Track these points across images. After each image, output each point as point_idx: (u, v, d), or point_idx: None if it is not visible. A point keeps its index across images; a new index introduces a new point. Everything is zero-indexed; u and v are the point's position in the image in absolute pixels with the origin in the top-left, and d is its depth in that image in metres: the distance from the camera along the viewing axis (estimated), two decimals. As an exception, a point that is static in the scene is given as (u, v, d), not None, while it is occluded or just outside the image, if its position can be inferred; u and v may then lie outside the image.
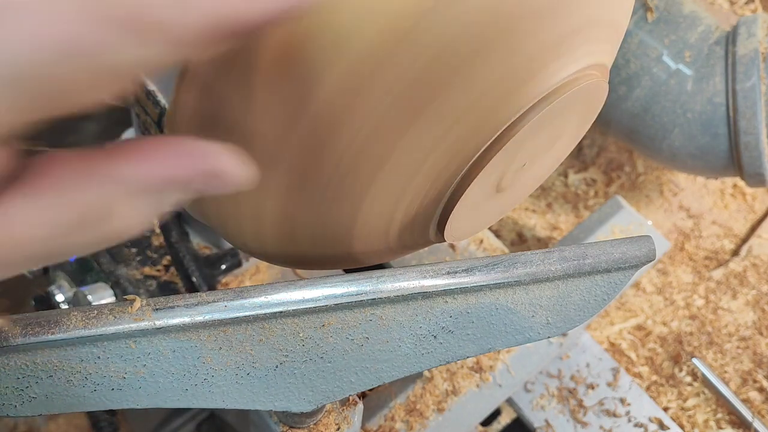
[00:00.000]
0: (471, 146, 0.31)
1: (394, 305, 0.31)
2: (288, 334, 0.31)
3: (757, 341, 0.86)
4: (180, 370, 0.30)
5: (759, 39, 0.69)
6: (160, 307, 0.28)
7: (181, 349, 0.29)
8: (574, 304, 0.34)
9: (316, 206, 0.32)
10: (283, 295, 0.30)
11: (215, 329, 0.29)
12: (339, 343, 0.31)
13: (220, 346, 0.30)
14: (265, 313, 0.29)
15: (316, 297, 0.30)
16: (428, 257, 0.71)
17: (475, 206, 0.35)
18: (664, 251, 0.72)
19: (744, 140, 0.70)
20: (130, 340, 0.28)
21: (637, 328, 0.87)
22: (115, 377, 0.29)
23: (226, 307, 0.29)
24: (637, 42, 0.74)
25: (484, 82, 0.29)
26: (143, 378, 0.29)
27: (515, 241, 0.91)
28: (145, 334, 0.28)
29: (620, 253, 0.34)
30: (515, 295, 0.33)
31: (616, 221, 0.71)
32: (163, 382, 0.30)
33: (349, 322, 0.31)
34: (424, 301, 0.32)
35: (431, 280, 0.31)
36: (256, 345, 0.30)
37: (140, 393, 0.30)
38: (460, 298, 0.32)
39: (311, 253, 0.35)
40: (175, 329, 0.29)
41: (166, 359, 0.29)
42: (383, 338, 0.32)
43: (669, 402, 0.80)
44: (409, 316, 0.32)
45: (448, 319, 0.32)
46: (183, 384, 0.30)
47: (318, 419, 0.38)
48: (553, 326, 0.34)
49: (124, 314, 0.28)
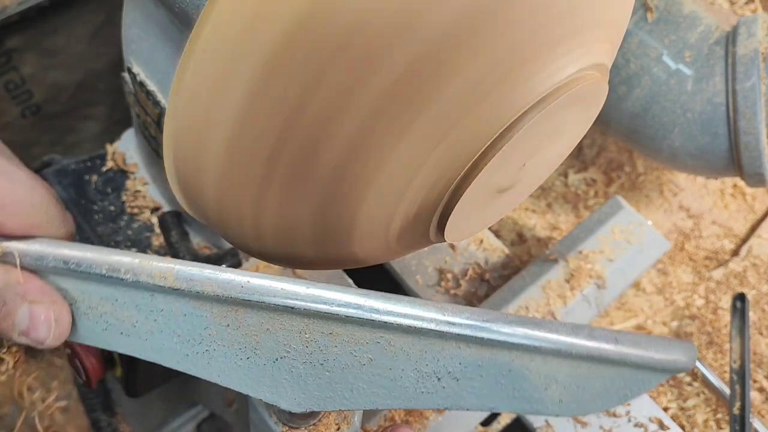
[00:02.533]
0: (471, 146, 0.31)
1: (406, 335, 0.30)
2: (294, 331, 0.30)
3: (757, 341, 0.86)
4: (186, 334, 0.30)
5: (759, 39, 0.69)
6: (183, 270, 0.29)
7: (191, 315, 0.30)
8: (592, 389, 0.31)
9: (315, 207, 0.31)
10: (297, 289, 0.29)
11: (227, 306, 0.30)
12: (342, 355, 0.31)
13: (228, 324, 0.30)
14: (276, 303, 0.29)
15: (329, 299, 0.29)
16: (428, 257, 0.71)
17: (475, 206, 0.35)
18: (664, 251, 0.72)
19: (744, 140, 0.70)
20: (148, 292, 0.30)
21: (637, 328, 0.87)
22: (127, 323, 0.30)
23: (242, 288, 0.29)
24: (637, 42, 0.74)
25: (483, 81, 0.29)
26: (151, 332, 0.30)
27: (515, 241, 0.91)
28: (163, 291, 0.29)
29: (655, 353, 0.31)
30: (532, 361, 0.31)
31: (616, 221, 0.71)
32: (168, 341, 0.31)
33: (357, 339, 0.30)
34: (436, 340, 0.30)
35: (450, 318, 0.30)
36: (263, 333, 0.30)
37: (145, 345, 0.31)
38: (474, 348, 0.31)
39: (311, 253, 0.35)
40: (190, 295, 0.29)
41: (175, 320, 0.30)
42: (387, 364, 0.31)
43: (669, 402, 0.80)
44: (418, 350, 0.31)
45: (456, 365, 0.31)
46: (185, 348, 0.31)
47: (318, 419, 0.38)
48: (565, 406, 0.31)
49: (149, 266, 0.29)
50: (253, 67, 0.27)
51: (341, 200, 0.31)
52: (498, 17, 0.27)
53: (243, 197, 0.32)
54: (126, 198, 0.64)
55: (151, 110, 0.50)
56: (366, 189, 0.31)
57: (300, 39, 0.26)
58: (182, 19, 0.37)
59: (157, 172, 0.63)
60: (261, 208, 0.32)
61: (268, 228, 0.33)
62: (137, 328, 0.31)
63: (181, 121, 0.30)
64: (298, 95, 0.27)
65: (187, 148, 0.31)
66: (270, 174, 0.30)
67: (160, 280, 0.29)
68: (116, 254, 0.29)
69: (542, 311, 0.64)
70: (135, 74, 0.49)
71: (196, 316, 0.30)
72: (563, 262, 0.67)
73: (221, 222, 0.34)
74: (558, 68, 0.31)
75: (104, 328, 0.31)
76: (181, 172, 0.33)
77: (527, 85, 0.30)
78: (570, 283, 0.66)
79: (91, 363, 0.57)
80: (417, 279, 0.70)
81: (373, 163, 0.30)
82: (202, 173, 0.32)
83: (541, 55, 0.30)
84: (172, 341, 0.31)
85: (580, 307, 0.65)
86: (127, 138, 0.67)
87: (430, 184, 0.32)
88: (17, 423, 0.92)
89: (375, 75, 0.27)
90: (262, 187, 0.31)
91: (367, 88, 0.27)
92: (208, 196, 0.33)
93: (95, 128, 0.88)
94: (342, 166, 0.30)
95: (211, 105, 0.29)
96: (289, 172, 0.30)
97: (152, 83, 0.49)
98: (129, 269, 0.29)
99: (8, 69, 0.75)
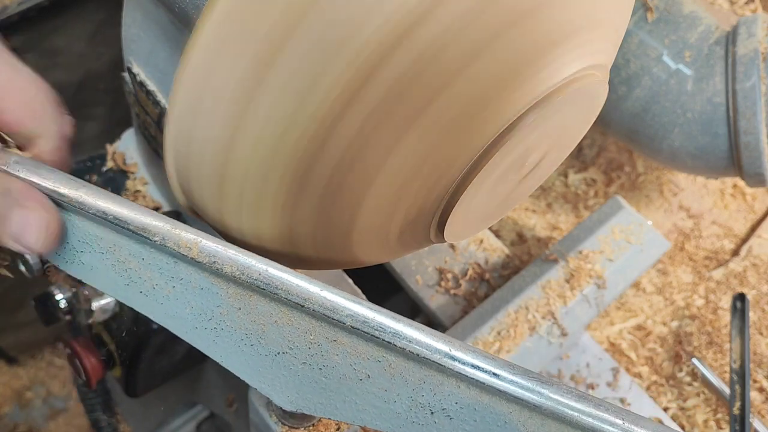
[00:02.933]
0: (471, 146, 0.31)
1: (408, 361, 0.30)
2: (301, 329, 0.30)
3: (757, 341, 0.86)
4: (199, 307, 0.31)
5: (759, 39, 0.69)
6: (208, 246, 0.30)
7: (207, 290, 0.31)
8: None
9: (315, 207, 0.32)
10: (312, 289, 0.29)
11: (243, 289, 0.30)
12: (341, 365, 0.31)
13: (240, 307, 0.31)
14: (288, 298, 0.29)
15: (339, 306, 0.29)
16: (428, 257, 0.71)
17: (475, 206, 0.35)
18: (664, 251, 0.72)
19: (744, 140, 0.70)
20: (172, 258, 0.30)
21: (637, 328, 0.87)
22: (148, 283, 0.31)
23: (260, 275, 0.29)
24: (637, 42, 0.74)
25: (483, 82, 0.29)
26: (168, 297, 0.31)
27: (515, 241, 0.91)
28: (186, 261, 0.30)
29: None
30: (530, 419, 0.29)
31: (616, 221, 0.71)
32: (181, 310, 0.31)
33: (359, 352, 0.30)
34: (437, 373, 0.30)
35: (456, 353, 0.29)
36: (270, 324, 0.31)
37: (159, 308, 0.31)
38: (474, 391, 0.30)
39: (311, 253, 0.35)
40: (210, 270, 0.30)
41: (192, 292, 0.31)
42: (383, 385, 0.30)
43: (669, 402, 0.80)
44: (417, 379, 0.30)
45: (452, 403, 0.30)
46: (195, 321, 0.31)
47: (318, 419, 0.38)
48: None
49: (177, 235, 0.30)
50: (252, 67, 0.27)
51: (341, 201, 0.31)
52: (498, 18, 0.27)
53: (243, 198, 0.32)
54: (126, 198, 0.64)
55: (151, 110, 0.50)
56: (366, 189, 0.31)
57: (300, 39, 0.26)
58: (182, 19, 0.37)
59: (157, 172, 0.63)
60: (261, 209, 0.32)
61: (267, 228, 0.33)
62: (156, 290, 0.31)
63: (181, 121, 0.30)
64: (299, 96, 0.27)
65: (187, 149, 0.31)
66: (270, 175, 0.30)
67: (185, 249, 0.29)
68: (150, 216, 0.30)
69: (542, 311, 0.64)
70: (135, 74, 0.49)
71: (211, 292, 0.31)
72: (563, 261, 0.67)
73: (221, 222, 0.34)
74: (558, 68, 0.31)
75: (127, 283, 0.31)
76: (181, 172, 0.33)
77: (527, 86, 0.30)
78: (570, 283, 0.66)
79: (91, 363, 0.57)
80: (417, 279, 0.70)
81: (374, 163, 0.30)
82: (202, 174, 0.32)
83: (541, 55, 0.30)
84: (185, 311, 0.31)
85: (580, 306, 0.65)
86: (127, 138, 0.67)
87: (430, 184, 0.32)
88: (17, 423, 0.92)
89: (375, 75, 0.27)
90: (262, 188, 0.31)
91: (368, 88, 0.27)
92: (208, 197, 0.33)
93: (95, 128, 0.88)
94: (342, 166, 0.30)
95: (211, 106, 0.29)
96: (289, 174, 0.30)
97: (152, 83, 0.49)
98: (159, 233, 0.30)
99: (8, 69, 0.75)
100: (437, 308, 0.68)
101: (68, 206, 0.30)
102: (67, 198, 0.30)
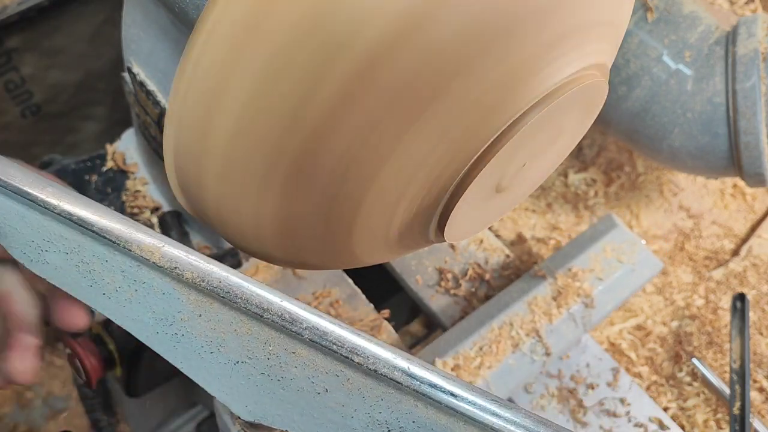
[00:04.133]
0: (471, 146, 0.31)
1: (366, 377, 0.29)
2: (260, 340, 0.30)
3: (757, 341, 0.87)
4: (160, 312, 0.31)
5: (759, 39, 0.69)
6: (170, 251, 0.30)
7: (169, 295, 0.31)
8: None
9: (315, 207, 0.31)
10: (271, 299, 0.29)
11: (204, 296, 0.30)
12: (299, 378, 0.30)
13: (201, 314, 0.31)
14: (247, 307, 0.29)
15: (297, 318, 0.29)
16: (428, 257, 0.71)
17: (475, 206, 0.35)
18: (657, 272, 0.70)
19: (744, 140, 0.70)
20: (135, 261, 0.30)
21: (637, 328, 0.87)
22: (111, 285, 0.31)
23: (220, 282, 0.29)
24: (637, 42, 0.74)
25: (483, 82, 0.29)
26: (130, 300, 0.31)
27: (515, 241, 0.91)
28: (149, 265, 0.30)
29: None
30: None
31: (609, 239, 0.69)
32: (143, 314, 0.31)
33: (318, 366, 0.30)
34: (395, 391, 0.29)
35: (414, 370, 0.29)
36: (230, 332, 0.31)
37: (122, 311, 0.31)
38: (432, 411, 0.29)
39: (311, 254, 0.35)
40: (171, 275, 0.30)
41: (154, 296, 0.31)
42: (341, 400, 0.30)
43: (669, 402, 0.80)
44: (375, 395, 0.30)
45: (410, 422, 0.30)
46: (157, 326, 0.31)
47: None
48: None
49: (139, 239, 0.30)
50: (253, 67, 0.27)
51: (341, 201, 0.31)
52: (497, 18, 0.27)
53: (243, 198, 0.32)
54: (126, 198, 0.64)
55: (151, 110, 0.50)
56: (366, 189, 0.31)
57: (301, 39, 0.26)
58: (182, 19, 0.37)
59: (157, 172, 0.63)
60: (261, 208, 0.32)
61: (267, 228, 0.33)
62: (118, 293, 0.31)
63: (181, 121, 0.30)
64: (299, 96, 0.27)
65: (188, 149, 0.31)
66: (270, 175, 0.30)
67: (147, 254, 0.30)
68: (114, 219, 0.30)
69: (527, 328, 0.63)
70: (135, 74, 0.49)
71: (173, 298, 0.31)
72: (551, 278, 0.66)
73: (221, 222, 0.34)
74: (558, 68, 0.31)
75: (90, 284, 0.31)
76: (181, 172, 0.33)
77: (527, 85, 0.30)
78: (557, 301, 0.64)
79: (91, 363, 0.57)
80: (417, 279, 0.70)
81: (374, 163, 0.30)
82: (202, 173, 0.32)
83: (541, 55, 0.30)
84: (146, 315, 0.31)
85: (566, 325, 0.64)
86: (127, 138, 0.67)
87: (430, 184, 0.32)
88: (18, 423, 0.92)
89: (375, 76, 0.27)
90: (263, 187, 0.31)
91: (368, 89, 0.27)
92: (208, 196, 0.33)
93: (95, 128, 0.88)
94: (342, 166, 0.30)
95: (211, 105, 0.29)
96: (289, 173, 0.30)
97: (152, 83, 0.49)
98: (121, 236, 0.30)
99: (8, 69, 0.75)
100: (437, 308, 0.68)
101: (33, 205, 0.30)
102: (32, 197, 0.30)
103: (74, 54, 0.79)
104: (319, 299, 0.64)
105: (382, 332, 0.63)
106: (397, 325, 0.69)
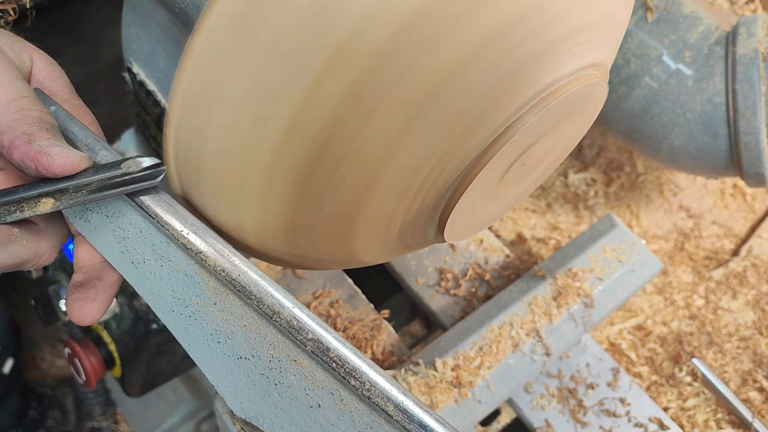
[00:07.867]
0: (471, 147, 0.31)
1: (360, 402, 0.29)
2: (265, 340, 0.31)
3: (757, 341, 0.86)
4: (179, 292, 0.32)
5: (759, 39, 0.69)
6: (198, 234, 0.31)
7: (190, 277, 0.32)
8: None
9: (316, 208, 0.32)
10: (284, 302, 0.29)
11: (222, 286, 0.31)
12: (296, 387, 0.31)
13: (216, 302, 0.31)
14: (259, 305, 0.30)
15: (305, 327, 0.29)
16: (428, 257, 0.71)
17: (475, 206, 0.35)
18: (657, 272, 0.70)
19: (744, 140, 0.70)
20: (166, 238, 0.31)
21: (637, 328, 0.87)
22: (140, 256, 0.32)
23: (239, 275, 0.30)
24: (637, 42, 0.73)
25: (483, 82, 0.29)
26: (154, 274, 0.32)
27: (515, 241, 0.91)
28: (177, 243, 0.31)
29: None
30: None
31: (609, 239, 0.69)
32: (163, 290, 0.32)
33: (315, 379, 0.30)
34: (385, 423, 0.29)
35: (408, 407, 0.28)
36: (239, 327, 0.31)
37: (144, 282, 0.33)
38: None
39: (311, 254, 0.35)
40: (196, 258, 0.31)
41: (177, 275, 0.32)
42: (331, 419, 0.30)
43: (669, 402, 0.80)
44: (365, 422, 0.30)
45: None
46: (173, 304, 0.32)
47: None
48: None
49: (174, 218, 0.31)
50: (252, 66, 0.27)
51: (342, 201, 0.31)
52: (498, 18, 0.27)
53: (243, 197, 0.32)
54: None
55: (151, 110, 0.50)
56: (367, 190, 0.31)
57: (298, 39, 0.26)
58: (182, 19, 0.37)
59: (157, 172, 0.63)
60: (261, 208, 0.32)
61: (267, 228, 0.33)
62: (145, 264, 0.32)
63: (181, 120, 0.30)
64: (299, 95, 0.27)
65: (187, 148, 0.31)
66: (270, 175, 0.30)
67: (177, 234, 0.31)
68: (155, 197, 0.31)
69: (527, 328, 0.63)
70: (135, 74, 0.49)
71: (194, 281, 0.31)
72: (551, 278, 0.66)
73: (220, 221, 0.34)
74: (558, 68, 0.31)
75: (122, 250, 0.33)
76: (181, 172, 0.33)
77: (527, 85, 0.30)
78: (557, 301, 0.64)
79: (91, 363, 0.57)
80: (417, 279, 0.70)
81: (374, 165, 0.30)
82: (202, 173, 0.32)
83: (541, 55, 0.30)
84: (166, 292, 0.32)
85: (566, 325, 0.64)
86: (127, 138, 0.67)
87: (430, 184, 0.32)
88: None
89: (376, 75, 0.27)
90: (263, 187, 0.31)
91: (368, 88, 0.27)
92: (208, 196, 0.33)
93: (95, 128, 0.88)
94: (343, 167, 0.30)
95: (211, 104, 0.29)
96: (289, 174, 0.30)
97: (152, 83, 0.49)
98: (157, 213, 0.31)
99: (8, 69, 0.75)
100: (437, 308, 0.68)
101: None
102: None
103: (74, 54, 0.79)
104: (320, 299, 0.64)
105: (382, 332, 0.63)
106: (397, 325, 0.69)
